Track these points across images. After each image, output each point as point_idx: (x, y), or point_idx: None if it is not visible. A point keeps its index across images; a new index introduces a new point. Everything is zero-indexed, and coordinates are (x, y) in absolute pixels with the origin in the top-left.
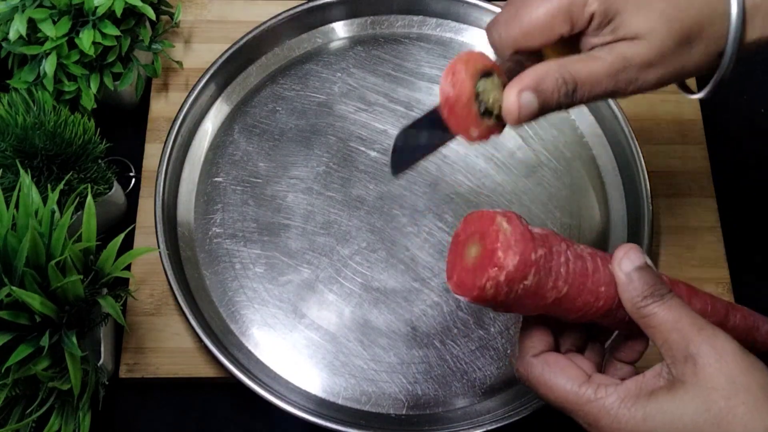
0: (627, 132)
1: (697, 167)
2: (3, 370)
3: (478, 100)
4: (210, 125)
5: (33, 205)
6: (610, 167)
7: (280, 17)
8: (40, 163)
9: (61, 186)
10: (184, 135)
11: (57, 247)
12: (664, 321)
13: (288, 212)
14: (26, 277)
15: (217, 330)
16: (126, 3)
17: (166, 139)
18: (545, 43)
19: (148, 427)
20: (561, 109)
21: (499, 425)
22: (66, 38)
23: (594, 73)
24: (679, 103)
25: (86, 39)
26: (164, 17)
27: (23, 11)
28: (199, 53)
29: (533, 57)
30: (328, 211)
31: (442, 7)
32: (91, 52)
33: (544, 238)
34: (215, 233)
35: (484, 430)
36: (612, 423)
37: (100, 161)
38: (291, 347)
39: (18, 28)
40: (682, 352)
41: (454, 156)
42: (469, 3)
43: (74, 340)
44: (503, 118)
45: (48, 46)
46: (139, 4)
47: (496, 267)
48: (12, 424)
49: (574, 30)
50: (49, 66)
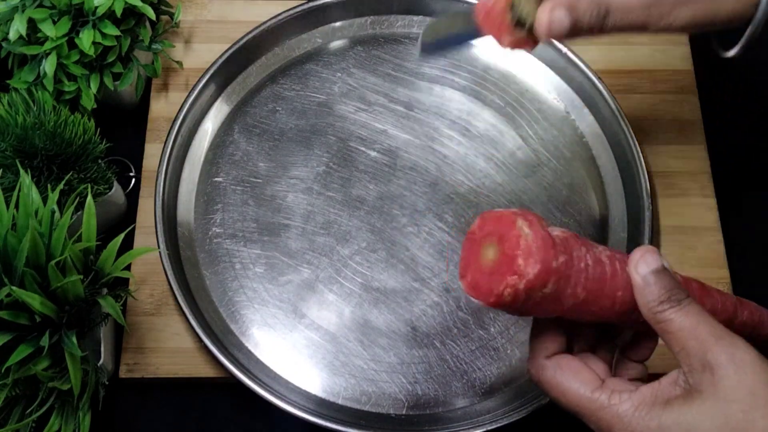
0: (627, 132)
1: (697, 167)
2: (3, 370)
3: (513, 10)
4: (210, 125)
5: (33, 205)
6: (610, 167)
7: (280, 17)
8: (40, 163)
9: (61, 186)
10: (184, 135)
11: (57, 247)
12: (681, 327)
13: (288, 212)
14: (26, 277)
15: (217, 330)
16: (126, 3)
17: (166, 139)
18: None
19: (148, 427)
20: (591, 34)
21: (499, 425)
22: (66, 38)
23: (627, 1)
24: (679, 103)
25: (86, 39)
26: (164, 17)
27: (23, 11)
28: (199, 53)
29: None
30: (328, 211)
31: (442, 7)
32: (91, 52)
33: (565, 243)
34: (215, 233)
35: (484, 430)
36: (625, 429)
37: (100, 161)
38: (291, 347)
39: (18, 28)
40: (699, 360)
41: (454, 156)
42: (470, 3)
43: (74, 340)
44: (535, 33)
45: (48, 46)
46: (139, 4)
47: (516, 275)
48: (12, 424)
49: None
50: (49, 66)
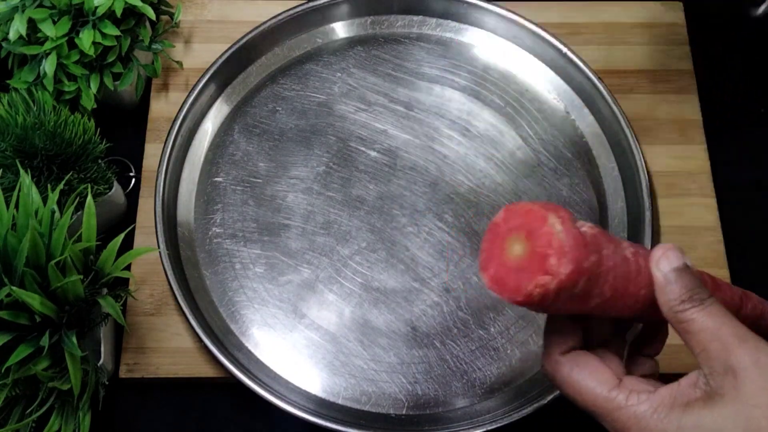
0: (627, 132)
1: (697, 167)
2: (3, 370)
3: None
4: (210, 125)
5: (33, 205)
6: (610, 167)
7: (280, 17)
8: (40, 163)
9: (61, 186)
10: (184, 135)
11: (57, 247)
12: (703, 328)
13: (288, 212)
14: (26, 277)
15: (217, 330)
16: (126, 3)
17: (166, 139)
18: None
19: (148, 427)
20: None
21: (499, 425)
22: (66, 38)
23: None
24: (679, 103)
25: (86, 39)
26: (164, 17)
27: (23, 11)
28: (199, 53)
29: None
30: (328, 211)
31: (442, 7)
32: (91, 52)
33: (595, 241)
34: (215, 233)
35: (484, 430)
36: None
37: (100, 161)
38: (291, 347)
39: (18, 28)
40: (722, 363)
41: (454, 156)
42: (469, 3)
43: (74, 340)
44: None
45: (48, 46)
46: (139, 4)
47: (549, 275)
48: (12, 424)
49: None
50: (49, 66)
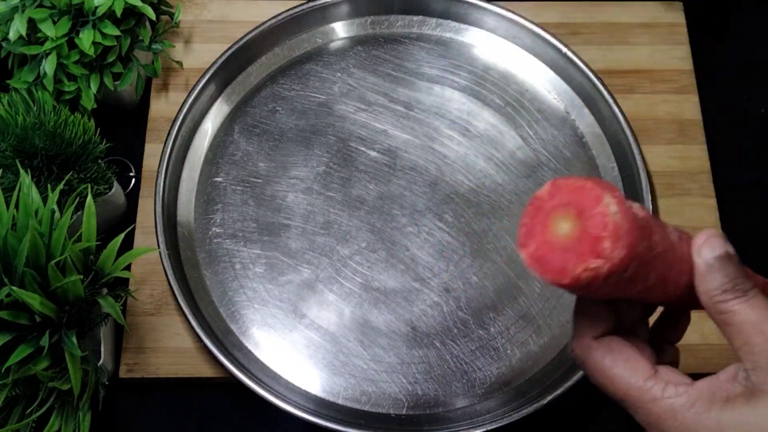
0: (627, 132)
1: (697, 167)
2: (3, 370)
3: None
4: (210, 125)
5: (33, 205)
6: (609, 167)
7: (280, 17)
8: (40, 163)
9: (61, 186)
10: (184, 135)
11: (57, 247)
12: (745, 321)
13: (288, 212)
14: (26, 277)
15: (217, 330)
16: (126, 3)
17: (166, 139)
18: None
19: (148, 427)
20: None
21: (499, 425)
22: (66, 38)
23: None
24: (679, 103)
25: (86, 39)
26: (164, 17)
27: (23, 11)
28: (199, 53)
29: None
30: (328, 211)
31: (442, 7)
32: (91, 52)
33: (646, 225)
34: (215, 233)
35: (484, 430)
36: (678, 427)
37: (100, 161)
38: (291, 347)
39: (18, 28)
40: (766, 358)
41: (454, 156)
42: (469, 3)
43: (74, 340)
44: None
45: (48, 46)
46: (139, 4)
47: (601, 258)
48: (12, 424)
49: None
50: (49, 66)
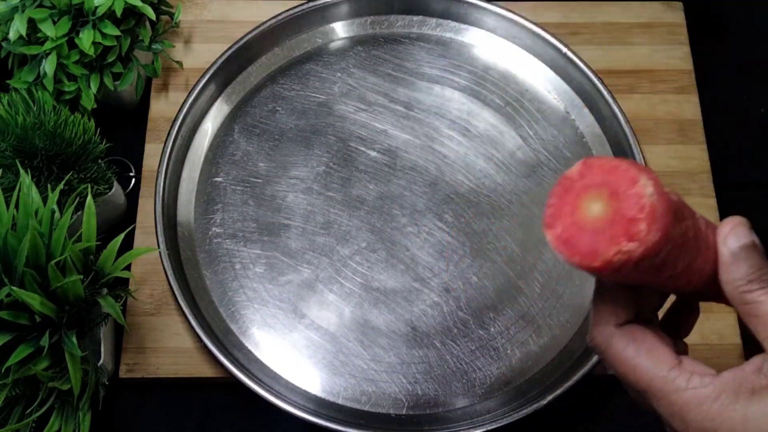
0: (627, 132)
1: (697, 167)
2: (3, 370)
3: None
4: (210, 125)
5: (33, 205)
6: None
7: (280, 17)
8: (40, 163)
9: (61, 186)
10: (184, 135)
11: (57, 247)
12: None
13: (288, 212)
14: (26, 277)
15: (217, 330)
16: (126, 3)
17: (166, 139)
18: None
19: (148, 427)
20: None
21: (499, 425)
22: (66, 38)
23: None
24: (679, 103)
25: (86, 39)
26: (164, 17)
27: (23, 11)
28: (199, 53)
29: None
30: (328, 211)
31: (442, 7)
32: (91, 52)
33: (680, 210)
34: (215, 233)
35: (484, 430)
36: (703, 419)
37: (100, 161)
38: (291, 347)
39: (18, 28)
40: None
41: (454, 156)
42: (469, 3)
43: (74, 340)
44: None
45: (48, 46)
46: (139, 4)
47: (635, 241)
48: (12, 424)
49: None
50: (49, 66)
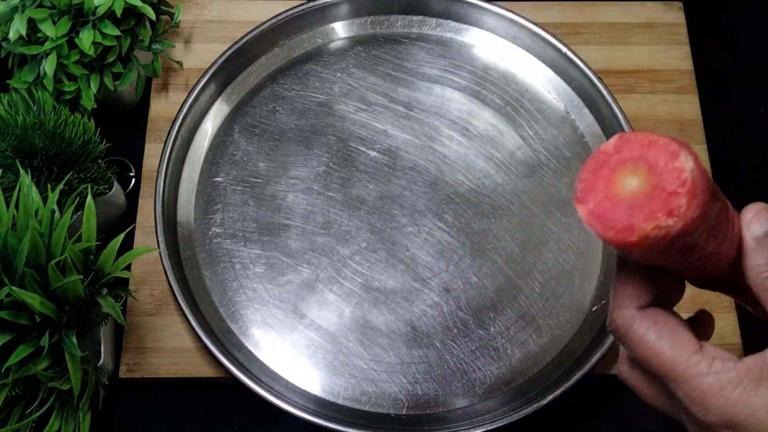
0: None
1: None
2: (3, 370)
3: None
4: (210, 125)
5: (33, 205)
6: None
7: (280, 17)
8: (40, 163)
9: (61, 186)
10: (184, 135)
11: (57, 247)
12: None
13: (288, 212)
14: (26, 277)
15: (217, 330)
16: (126, 3)
17: (166, 139)
18: None
19: (148, 427)
20: None
21: (499, 425)
22: (66, 38)
23: None
24: (679, 103)
25: (86, 39)
26: (164, 17)
27: (23, 11)
28: (199, 53)
29: None
30: (328, 211)
31: (442, 7)
32: (91, 52)
33: (715, 189)
34: (215, 233)
35: (484, 430)
36: (724, 404)
37: (100, 161)
38: (291, 347)
39: (18, 28)
40: None
41: (454, 156)
42: (469, 3)
43: (74, 340)
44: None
45: (48, 46)
46: (139, 4)
47: (674, 216)
48: (12, 424)
49: None
50: (49, 66)
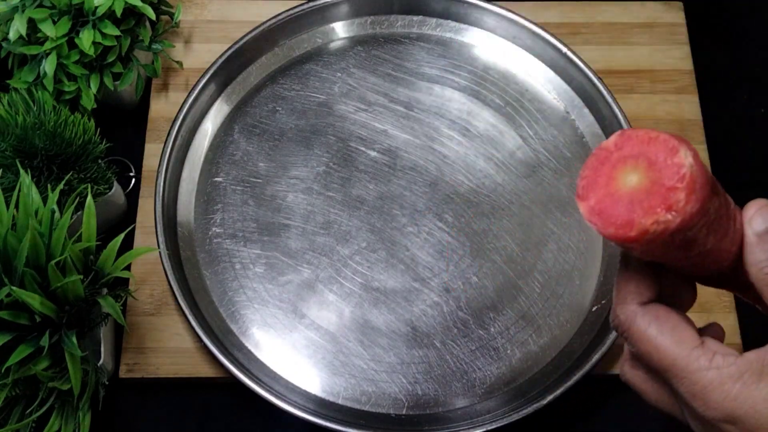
0: None
1: None
2: (3, 370)
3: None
4: (210, 125)
5: (33, 205)
6: None
7: (280, 17)
8: (40, 163)
9: (61, 186)
10: (184, 135)
11: (57, 247)
12: None
13: (288, 212)
14: (26, 277)
15: (217, 330)
16: (126, 3)
17: (166, 139)
18: None
19: (148, 427)
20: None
21: (499, 425)
22: (66, 38)
23: None
24: (679, 103)
25: (86, 39)
26: (164, 17)
27: (23, 11)
28: (199, 53)
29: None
30: (328, 211)
31: (442, 7)
32: (91, 52)
33: (715, 184)
34: (215, 233)
35: (484, 430)
36: (725, 399)
37: (100, 161)
38: (291, 347)
39: (18, 28)
40: None
41: (454, 156)
42: (469, 3)
43: (74, 340)
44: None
45: (48, 46)
46: (139, 4)
47: (673, 211)
48: (12, 424)
49: None
50: (49, 66)
